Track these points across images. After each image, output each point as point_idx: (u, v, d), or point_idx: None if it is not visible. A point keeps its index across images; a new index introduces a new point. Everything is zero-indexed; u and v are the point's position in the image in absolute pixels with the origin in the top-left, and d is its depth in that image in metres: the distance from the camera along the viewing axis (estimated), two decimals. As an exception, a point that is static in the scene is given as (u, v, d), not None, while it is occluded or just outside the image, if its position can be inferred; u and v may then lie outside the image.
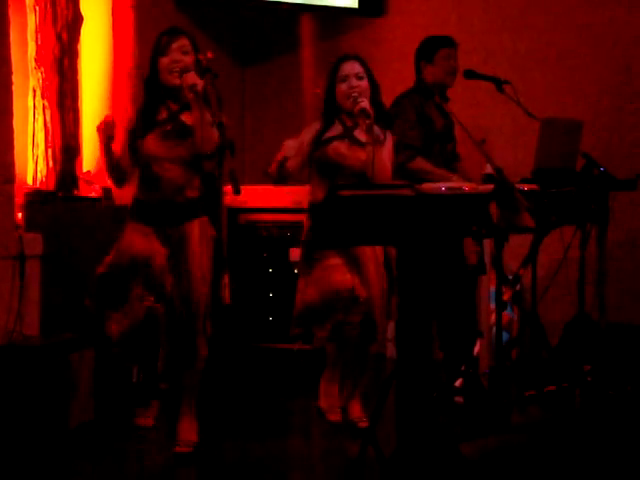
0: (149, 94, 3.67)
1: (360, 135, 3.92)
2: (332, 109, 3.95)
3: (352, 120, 3.94)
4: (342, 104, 3.92)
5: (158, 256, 3.61)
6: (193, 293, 3.59)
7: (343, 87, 3.91)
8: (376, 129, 3.82)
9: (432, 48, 4.44)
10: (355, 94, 3.86)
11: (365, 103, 3.81)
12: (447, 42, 4.47)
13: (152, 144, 3.61)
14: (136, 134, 3.63)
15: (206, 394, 4.32)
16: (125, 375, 4.14)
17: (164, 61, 3.60)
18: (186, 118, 3.62)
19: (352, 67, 3.92)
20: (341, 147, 3.90)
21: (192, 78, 3.49)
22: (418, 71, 4.50)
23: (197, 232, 3.65)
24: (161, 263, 3.61)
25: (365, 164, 3.84)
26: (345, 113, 3.94)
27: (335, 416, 4.00)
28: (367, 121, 3.78)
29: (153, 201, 3.65)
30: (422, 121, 4.38)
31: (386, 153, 3.89)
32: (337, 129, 3.94)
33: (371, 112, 3.79)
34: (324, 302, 3.85)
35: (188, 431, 3.73)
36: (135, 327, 3.58)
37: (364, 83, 3.90)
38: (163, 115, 3.64)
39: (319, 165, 3.92)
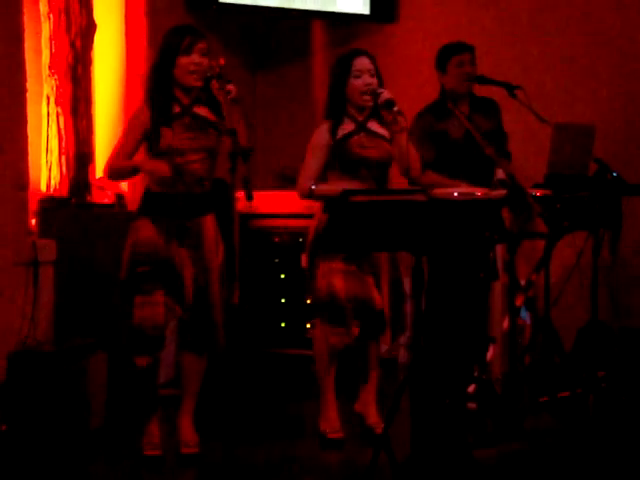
0: (160, 87, 3.66)
1: (374, 127, 3.92)
2: (341, 104, 3.91)
3: (362, 114, 3.92)
4: (354, 99, 3.90)
5: (177, 256, 3.63)
6: (210, 285, 3.65)
7: (357, 83, 3.88)
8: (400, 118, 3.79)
9: (444, 57, 4.45)
10: (371, 89, 3.84)
11: (387, 93, 3.79)
12: (458, 49, 4.46)
13: (175, 137, 3.61)
14: (153, 127, 3.61)
15: (217, 399, 4.32)
16: (137, 381, 4.13)
17: (184, 60, 3.62)
18: (199, 110, 3.66)
19: (366, 63, 3.91)
20: (362, 140, 3.89)
21: (231, 86, 3.55)
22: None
23: (212, 225, 3.71)
24: (181, 262, 3.63)
25: (391, 154, 3.87)
26: (355, 108, 3.92)
27: (336, 434, 3.92)
28: (394, 109, 3.76)
29: (173, 193, 3.64)
30: (432, 137, 4.38)
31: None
32: (349, 126, 3.91)
33: (395, 100, 3.77)
34: (321, 303, 3.85)
35: (191, 431, 3.75)
36: (157, 329, 3.60)
37: (375, 80, 3.90)
38: (176, 109, 3.65)
39: (342, 161, 3.89)
